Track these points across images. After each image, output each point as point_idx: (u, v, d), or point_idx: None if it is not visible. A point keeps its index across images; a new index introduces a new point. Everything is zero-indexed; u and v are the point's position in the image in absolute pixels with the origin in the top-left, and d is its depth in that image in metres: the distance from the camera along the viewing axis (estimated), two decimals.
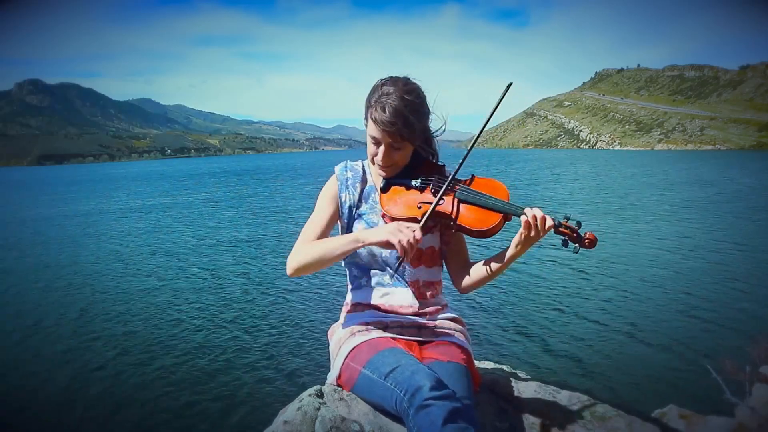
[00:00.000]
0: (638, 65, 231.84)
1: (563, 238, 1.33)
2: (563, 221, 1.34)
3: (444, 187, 1.42)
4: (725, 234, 12.43)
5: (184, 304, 8.07)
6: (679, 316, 6.85)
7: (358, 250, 1.51)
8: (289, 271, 1.48)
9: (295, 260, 1.46)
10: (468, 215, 1.41)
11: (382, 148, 1.46)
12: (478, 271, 1.50)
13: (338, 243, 1.42)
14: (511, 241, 1.41)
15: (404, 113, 1.39)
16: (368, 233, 1.38)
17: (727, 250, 10.67)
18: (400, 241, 1.29)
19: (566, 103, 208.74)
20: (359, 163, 1.66)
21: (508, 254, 1.40)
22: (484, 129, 1.50)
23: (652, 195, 21.45)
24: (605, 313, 7.01)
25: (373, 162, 1.53)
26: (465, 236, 1.56)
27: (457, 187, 1.45)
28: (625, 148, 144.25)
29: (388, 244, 1.32)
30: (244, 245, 12.80)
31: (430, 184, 1.48)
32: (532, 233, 1.33)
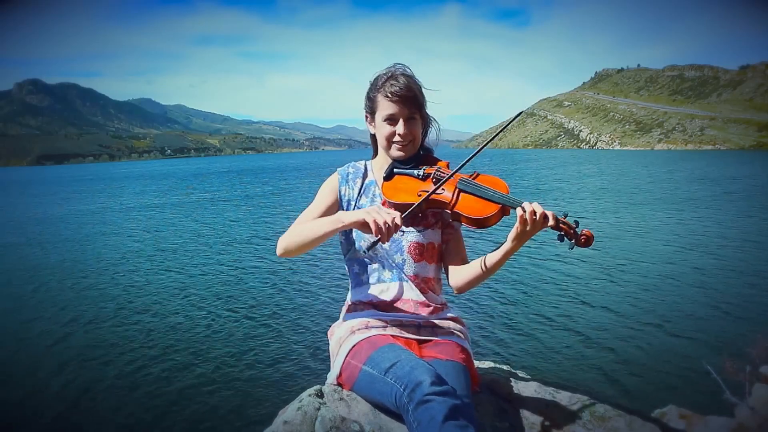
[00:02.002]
0: (638, 65, 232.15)
1: (559, 233, 1.33)
2: (561, 217, 1.34)
3: (446, 178, 1.44)
4: (726, 233, 12.42)
5: (183, 304, 8.07)
6: (678, 315, 6.85)
7: (356, 245, 1.58)
8: (278, 252, 1.53)
9: (284, 241, 1.51)
10: (466, 204, 1.43)
11: (401, 122, 1.50)
12: (473, 268, 1.49)
13: (323, 223, 1.45)
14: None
15: (414, 82, 1.52)
16: (349, 213, 1.40)
17: (727, 249, 10.66)
18: (375, 221, 1.30)
19: (566, 103, 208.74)
20: (362, 162, 1.70)
21: (503, 248, 1.38)
22: (490, 142, 1.57)
23: (653, 195, 21.45)
24: (605, 314, 7.01)
25: (389, 145, 1.55)
26: (464, 233, 1.59)
27: (459, 177, 1.47)
28: (625, 148, 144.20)
29: (364, 224, 1.34)
30: (246, 245, 12.81)
31: (431, 175, 1.51)
32: (528, 226, 1.31)
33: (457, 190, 1.45)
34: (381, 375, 1.29)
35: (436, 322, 1.56)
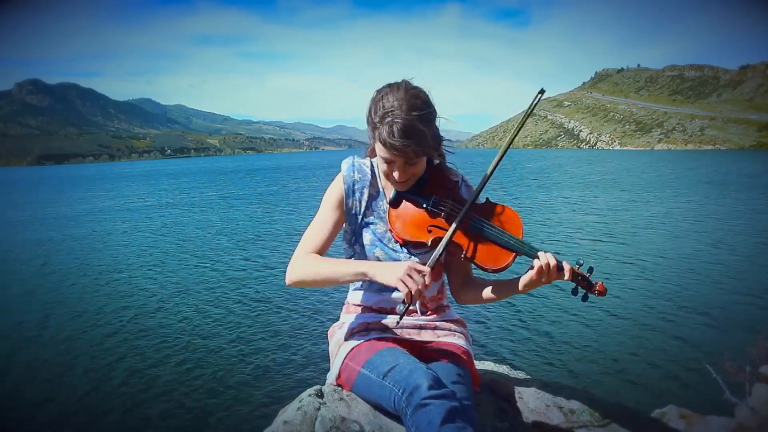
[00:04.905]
0: (638, 65, 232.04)
1: (573, 285, 1.31)
2: (575, 268, 1.29)
3: (459, 218, 1.35)
4: (727, 233, 12.42)
5: (184, 304, 8.08)
6: (678, 315, 6.85)
7: (362, 249, 1.51)
8: (287, 281, 1.42)
9: (296, 272, 1.40)
10: (480, 250, 1.36)
11: (396, 167, 1.37)
12: (479, 291, 1.47)
13: (345, 270, 1.36)
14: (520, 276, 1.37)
15: (415, 128, 1.28)
16: (378, 271, 1.31)
17: (728, 249, 10.66)
18: (408, 287, 1.23)
19: (566, 103, 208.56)
20: (368, 162, 1.55)
21: (510, 289, 1.38)
22: (514, 138, 1.48)
23: (652, 195, 21.44)
24: (605, 314, 7.01)
25: (388, 178, 1.43)
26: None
27: (472, 215, 1.37)
28: (625, 148, 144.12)
29: (395, 286, 1.27)
30: (249, 244, 12.80)
31: (442, 212, 1.40)
32: (543, 279, 1.31)
33: (469, 231, 1.37)
34: (379, 379, 1.28)
35: (437, 323, 1.54)
